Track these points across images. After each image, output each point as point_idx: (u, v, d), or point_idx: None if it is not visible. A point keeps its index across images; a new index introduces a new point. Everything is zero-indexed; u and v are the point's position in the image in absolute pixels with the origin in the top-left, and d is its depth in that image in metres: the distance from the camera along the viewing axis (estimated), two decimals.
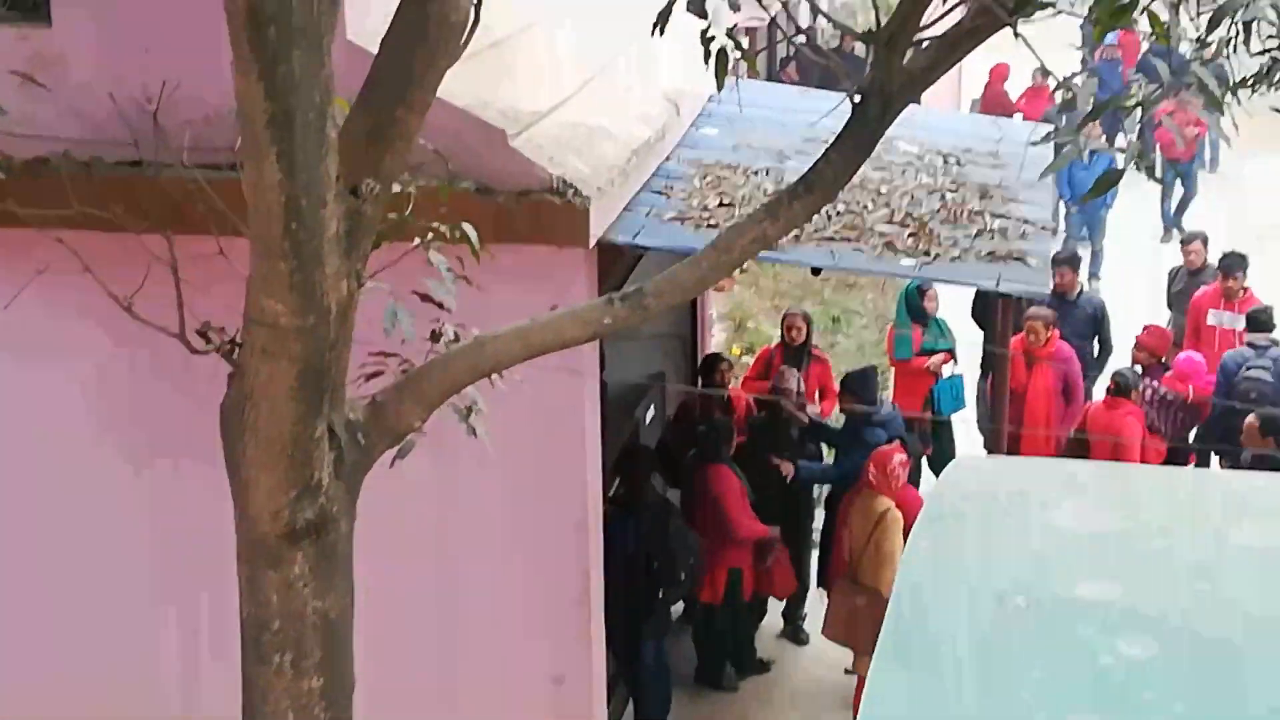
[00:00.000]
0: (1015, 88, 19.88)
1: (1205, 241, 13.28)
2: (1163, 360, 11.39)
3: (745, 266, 11.24)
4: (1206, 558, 3.75)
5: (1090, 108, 4.57)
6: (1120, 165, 4.60)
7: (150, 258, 5.20)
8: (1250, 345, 10.99)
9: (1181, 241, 13.55)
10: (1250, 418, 9.90)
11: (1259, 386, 10.56)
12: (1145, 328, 11.66)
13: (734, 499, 9.21)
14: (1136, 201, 16.29)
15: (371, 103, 4.38)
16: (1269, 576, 3.61)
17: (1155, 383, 10.94)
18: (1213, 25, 4.80)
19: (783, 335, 11.29)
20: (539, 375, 5.60)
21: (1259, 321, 11.20)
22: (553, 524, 7.25)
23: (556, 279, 6.60)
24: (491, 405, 5.24)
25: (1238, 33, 4.90)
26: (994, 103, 19.27)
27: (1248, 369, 10.71)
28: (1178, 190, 18.24)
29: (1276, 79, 5.51)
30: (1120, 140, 17.02)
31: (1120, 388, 10.44)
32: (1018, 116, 16.23)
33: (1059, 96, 4.97)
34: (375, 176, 4.39)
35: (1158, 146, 17.05)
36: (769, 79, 17.22)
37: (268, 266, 4.20)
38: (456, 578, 7.32)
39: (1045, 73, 18.64)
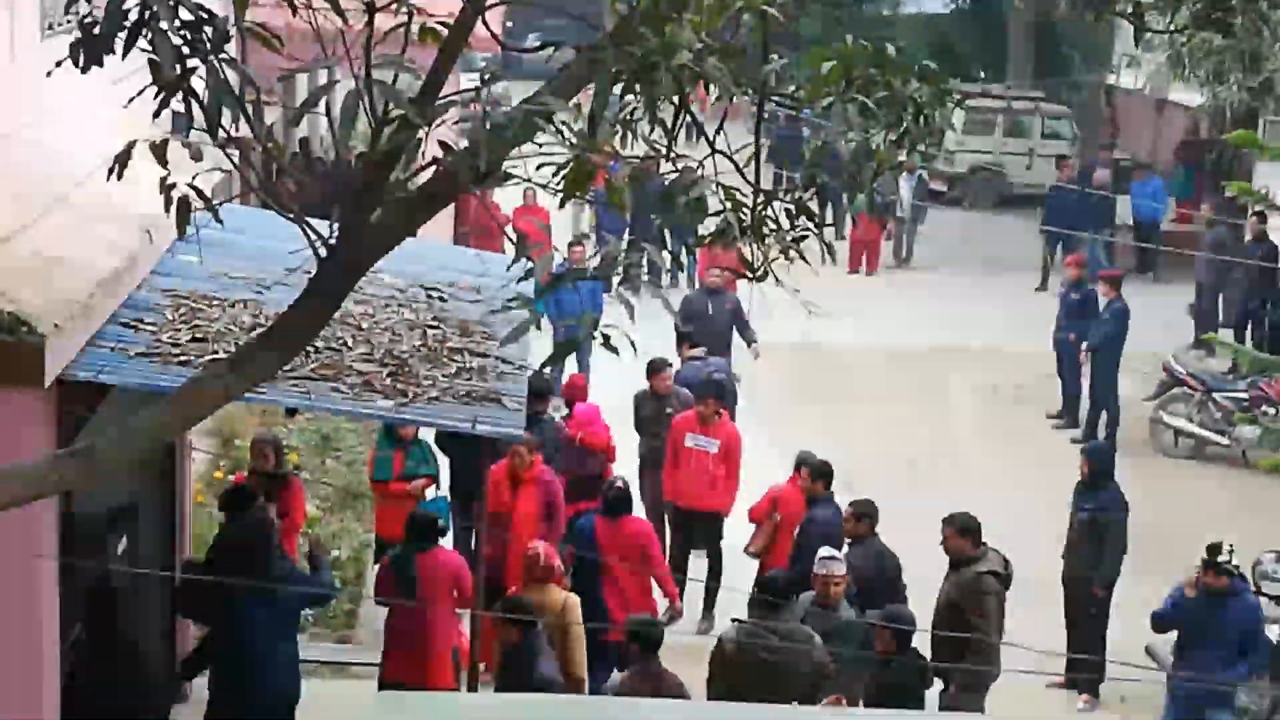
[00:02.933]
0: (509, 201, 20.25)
1: (670, 366, 13.70)
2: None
3: None
4: None
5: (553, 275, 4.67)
6: (580, 335, 4.72)
7: None
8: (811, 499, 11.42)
9: (651, 367, 13.43)
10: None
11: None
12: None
13: None
14: (623, 320, 16.80)
15: None
16: None
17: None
18: (667, 198, 5.03)
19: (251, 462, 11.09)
20: None
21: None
22: (2, 677, 6.76)
23: (11, 422, 6.21)
24: None
25: (690, 203, 5.15)
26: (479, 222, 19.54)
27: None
28: None
29: (731, 238, 5.85)
30: None
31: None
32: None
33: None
34: None
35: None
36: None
37: None
38: None
39: (535, 191, 19.43)
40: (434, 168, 4.81)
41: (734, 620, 9.31)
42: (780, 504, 11.80)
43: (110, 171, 4.87)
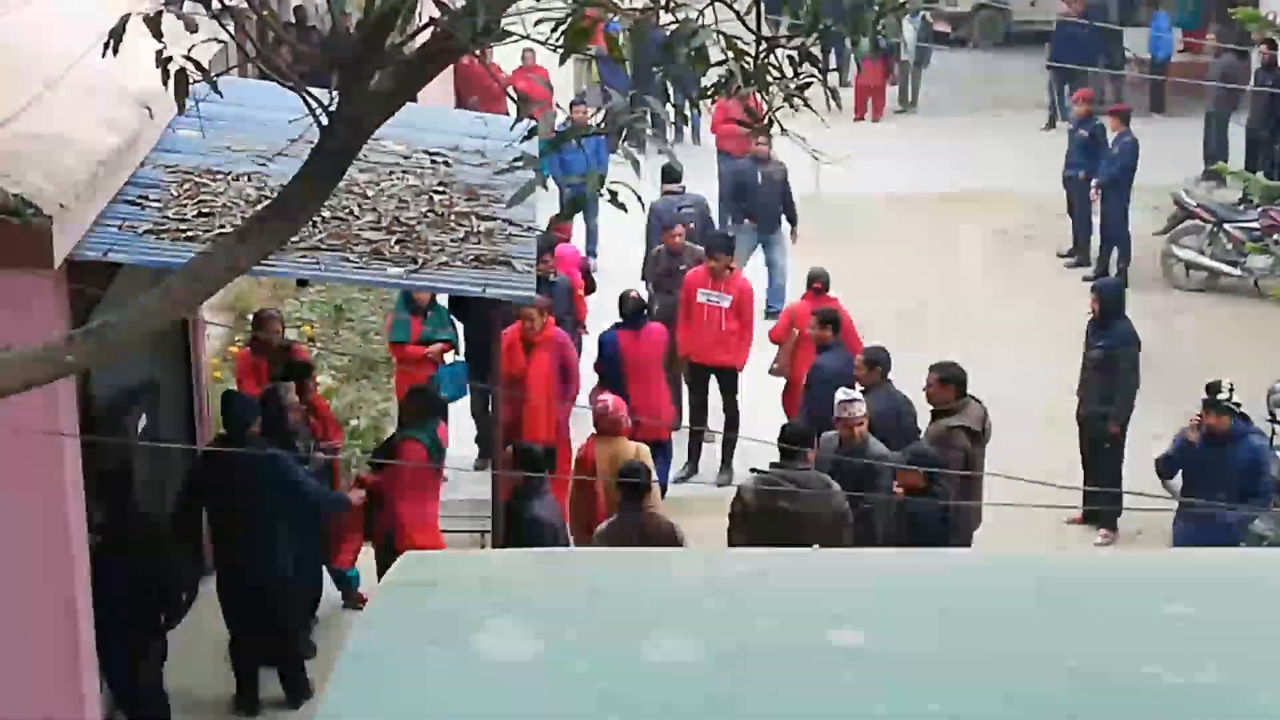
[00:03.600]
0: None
1: (687, 225, 13.69)
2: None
3: None
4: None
5: (552, 134, 4.64)
6: (586, 190, 4.70)
7: None
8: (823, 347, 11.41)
9: (664, 224, 13.58)
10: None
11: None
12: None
13: None
14: (630, 177, 16.71)
15: None
16: None
17: None
18: (668, 50, 4.97)
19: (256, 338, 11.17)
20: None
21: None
22: (31, 558, 6.86)
23: (22, 305, 6.22)
24: None
25: (691, 54, 5.09)
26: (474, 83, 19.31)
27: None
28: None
29: (734, 89, 5.80)
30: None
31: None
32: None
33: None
34: None
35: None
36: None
37: None
38: None
39: (534, 51, 19.20)
40: (431, 29, 4.76)
41: (752, 470, 9.36)
42: (798, 319, 11.92)
43: (105, 47, 4.82)
